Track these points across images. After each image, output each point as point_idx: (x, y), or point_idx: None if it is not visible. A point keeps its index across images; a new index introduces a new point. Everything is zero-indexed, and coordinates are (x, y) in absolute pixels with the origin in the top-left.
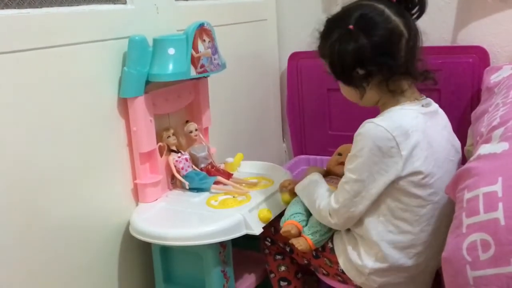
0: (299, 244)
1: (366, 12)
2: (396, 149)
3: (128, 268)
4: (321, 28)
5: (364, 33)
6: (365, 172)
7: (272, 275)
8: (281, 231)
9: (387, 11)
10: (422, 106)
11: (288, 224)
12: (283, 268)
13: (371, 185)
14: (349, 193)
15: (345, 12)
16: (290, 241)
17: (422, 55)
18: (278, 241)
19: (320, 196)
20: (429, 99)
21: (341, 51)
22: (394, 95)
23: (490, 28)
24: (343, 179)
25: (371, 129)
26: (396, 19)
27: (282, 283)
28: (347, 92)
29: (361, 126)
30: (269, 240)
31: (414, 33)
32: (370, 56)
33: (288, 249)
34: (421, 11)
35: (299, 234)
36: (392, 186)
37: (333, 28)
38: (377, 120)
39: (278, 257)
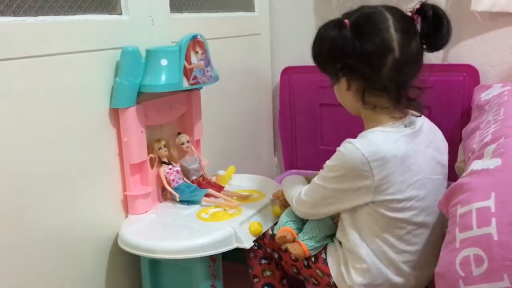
0: (294, 249)
1: (370, 15)
2: (369, 173)
3: (116, 281)
4: None
5: (355, 32)
6: (335, 184)
7: (256, 280)
8: (276, 237)
9: (390, 23)
10: (405, 126)
11: (283, 230)
12: (268, 273)
13: (340, 198)
14: (319, 193)
15: (356, 9)
16: (284, 246)
17: (416, 83)
18: (265, 246)
19: (298, 187)
20: (413, 117)
21: (323, 35)
22: (372, 110)
23: (480, 47)
24: (317, 179)
25: (348, 150)
26: (394, 34)
27: None
28: (335, 90)
29: (342, 143)
30: (256, 243)
31: (408, 56)
32: (349, 53)
33: (276, 256)
34: (441, 45)
35: (293, 240)
36: (370, 209)
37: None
38: (357, 142)
39: (264, 261)
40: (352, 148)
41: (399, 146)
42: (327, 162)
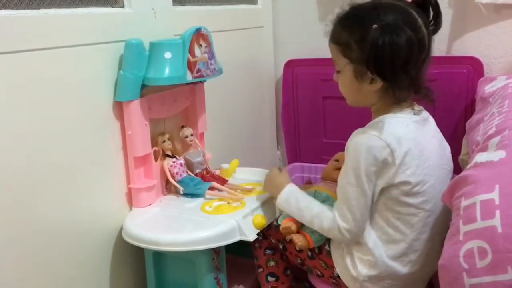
0: (299, 240)
1: (402, 14)
2: (391, 156)
3: (120, 273)
4: (342, 14)
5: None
6: (365, 183)
7: (260, 270)
8: (280, 228)
9: (420, 21)
10: (414, 114)
11: (287, 221)
12: (272, 263)
13: (372, 192)
14: (357, 207)
15: (380, 8)
16: (289, 237)
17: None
18: (270, 237)
19: (318, 214)
20: (421, 107)
21: (394, 43)
22: (391, 103)
23: (484, 39)
24: (346, 196)
25: (363, 139)
26: (425, 31)
27: (270, 279)
28: (347, 85)
29: (351, 138)
30: (261, 234)
31: (430, 49)
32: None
33: (281, 246)
34: (435, 30)
35: (298, 231)
36: (384, 195)
37: (366, 18)
38: (368, 129)
39: (268, 251)
40: (366, 136)
41: (411, 130)
42: (343, 169)
